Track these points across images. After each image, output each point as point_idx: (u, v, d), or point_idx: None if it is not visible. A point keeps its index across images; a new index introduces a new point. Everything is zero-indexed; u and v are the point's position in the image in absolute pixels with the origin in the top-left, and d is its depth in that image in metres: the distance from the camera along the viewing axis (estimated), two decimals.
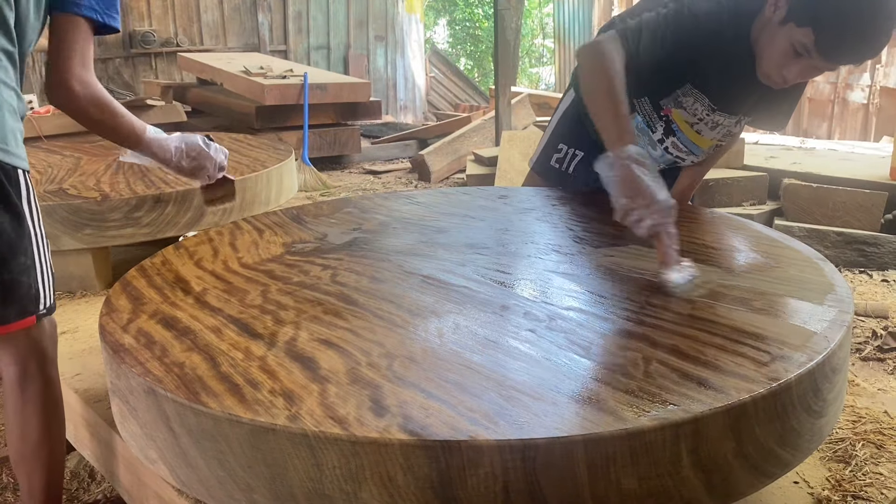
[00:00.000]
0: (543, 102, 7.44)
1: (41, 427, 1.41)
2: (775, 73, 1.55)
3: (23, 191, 1.32)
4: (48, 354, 1.43)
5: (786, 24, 1.47)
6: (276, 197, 2.47)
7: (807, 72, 1.51)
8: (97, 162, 2.61)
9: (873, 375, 2.50)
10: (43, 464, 1.42)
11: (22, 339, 1.38)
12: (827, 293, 1.21)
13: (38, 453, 1.41)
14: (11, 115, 1.32)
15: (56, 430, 1.44)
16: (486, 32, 15.00)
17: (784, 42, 1.48)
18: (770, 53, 1.53)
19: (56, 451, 1.44)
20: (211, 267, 1.47)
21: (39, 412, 1.41)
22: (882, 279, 3.51)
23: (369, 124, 7.73)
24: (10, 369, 1.39)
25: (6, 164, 1.28)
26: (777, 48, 1.51)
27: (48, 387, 1.42)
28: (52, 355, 1.44)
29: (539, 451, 0.82)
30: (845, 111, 7.65)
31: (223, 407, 0.92)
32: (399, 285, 1.31)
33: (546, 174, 2.08)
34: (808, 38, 1.43)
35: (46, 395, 1.42)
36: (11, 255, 1.31)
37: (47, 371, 1.42)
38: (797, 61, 1.49)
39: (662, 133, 1.78)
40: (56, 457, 1.44)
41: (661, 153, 1.83)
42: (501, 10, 6.12)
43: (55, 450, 1.44)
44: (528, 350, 1.03)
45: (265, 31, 9.22)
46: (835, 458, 1.34)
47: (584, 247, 1.49)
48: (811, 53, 1.44)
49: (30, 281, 1.35)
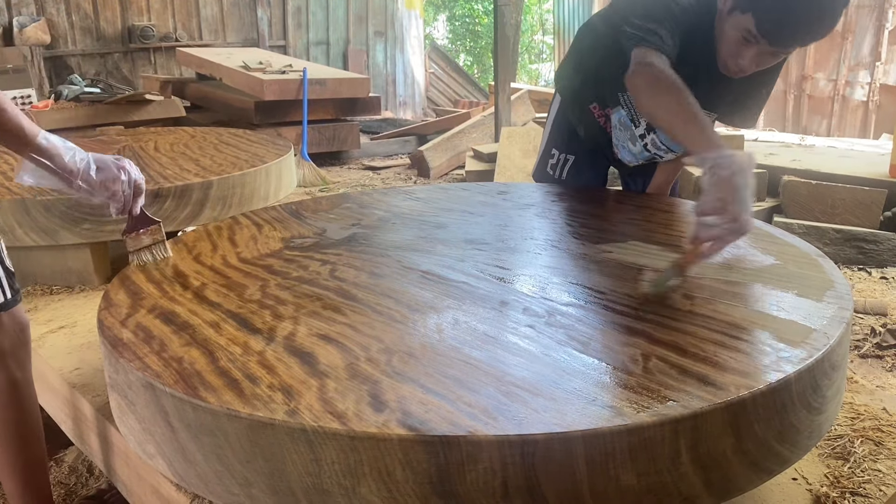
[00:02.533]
0: (543, 99, 7.44)
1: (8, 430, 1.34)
2: (731, 63, 1.56)
3: None
4: (6, 355, 1.35)
5: (732, 13, 1.49)
6: (274, 192, 2.47)
7: (760, 59, 1.52)
8: None
9: (872, 372, 2.50)
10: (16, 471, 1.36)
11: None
12: (826, 290, 1.21)
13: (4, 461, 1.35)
14: None
15: (24, 435, 1.37)
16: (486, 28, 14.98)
17: (733, 31, 1.50)
18: (724, 44, 1.55)
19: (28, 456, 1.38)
20: (210, 262, 1.46)
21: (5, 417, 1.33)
22: (881, 276, 3.51)
23: (368, 120, 7.73)
24: None
25: None
26: (728, 38, 1.53)
27: (12, 388, 1.35)
28: (13, 352, 1.36)
29: (538, 446, 0.82)
30: (845, 108, 7.65)
31: (222, 402, 0.92)
32: (398, 281, 1.31)
33: (543, 182, 2.10)
34: (750, 24, 1.45)
35: (9, 397, 1.34)
36: None
37: (9, 371, 1.35)
38: (747, 49, 1.50)
39: (644, 129, 1.79)
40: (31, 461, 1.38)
41: (640, 149, 1.84)
42: (501, 6, 6.11)
43: (24, 454, 1.38)
44: (528, 346, 1.03)
45: (264, 27, 9.20)
46: (833, 454, 1.34)
47: (583, 243, 1.49)
48: (756, 39, 1.46)
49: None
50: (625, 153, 1.89)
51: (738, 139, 4.40)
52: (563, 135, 2.02)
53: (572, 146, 2.01)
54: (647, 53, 1.46)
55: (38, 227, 2.02)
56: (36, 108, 5.46)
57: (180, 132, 3.20)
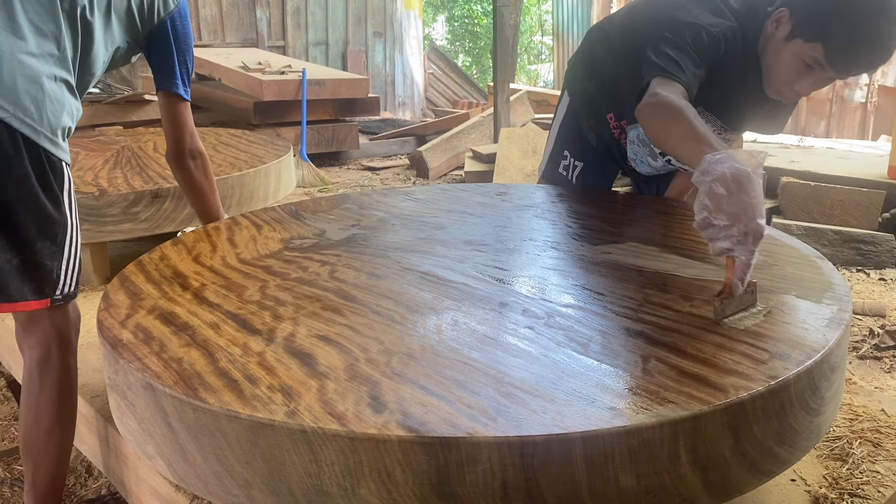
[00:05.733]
0: (542, 99, 7.44)
1: (54, 414, 1.43)
2: (786, 89, 1.53)
3: (65, 182, 1.41)
4: (71, 342, 1.46)
5: (792, 41, 1.46)
6: (274, 193, 2.47)
7: (818, 83, 1.50)
8: (95, 157, 2.61)
9: (870, 374, 2.50)
10: (50, 453, 1.44)
11: (46, 323, 1.42)
12: (825, 291, 1.21)
13: (47, 440, 1.43)
14: (69, 116, 1.42)
15: (68, 419, 1.46)
16: (485, 29, 14.99)
17: (793, 58, 1.46)
18: (778, 70, 1.51)
19: (64, 441, 1.46)
20: (209, 262, 1.46)
21: (55, 399, 1.43)
22: (879, 278, 3.51)
23: (367, 120, 7.72)
24: (33, 352, 1.43)
25: (54, 156, 1.37)
26: (785, 64, 1.49)
27: (66, 375, 1.44)
28: (73, 344, 1.47)
29: (537, 447, 0.82)
30: (844, 110, 7.66)
31: (221, 402, 0.92)
32: (397, 282, 1.31)
33: (555, 182, 2.06)
34: (818, 53, 1.42)
35: (63, 383, 1.44)
36: (40, 238, 1.37)
37: (67, 359, 1.45)
38: (808, 75, 1.47)
39: None
40: (64, 447, 1.46)
41: (662, 164, 1.81)
42: (500, 7, 6.11)
43: (64, 439, 1.46)
44: (527, 347, 1.03)
45: (263, 27, 9.20)
46: (832, 456, 1.34)
47: (582, 244, 1.49)
48: (824, 67, 1.43)
49: (52, 265, 1.39)
50: (643, 167, 1.86)
51: (736, 141, 4.40)
52: (572, 137, 1.99)
53: (583, 150, 1.97)
54: (663, 84, 1.43)
55: None
56: None
57: None
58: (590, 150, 1.96)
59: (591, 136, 1.93)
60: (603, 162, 1.97)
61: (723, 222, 1.09)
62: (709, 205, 1.09)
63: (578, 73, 1.93)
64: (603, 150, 1.94)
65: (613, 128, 1.86)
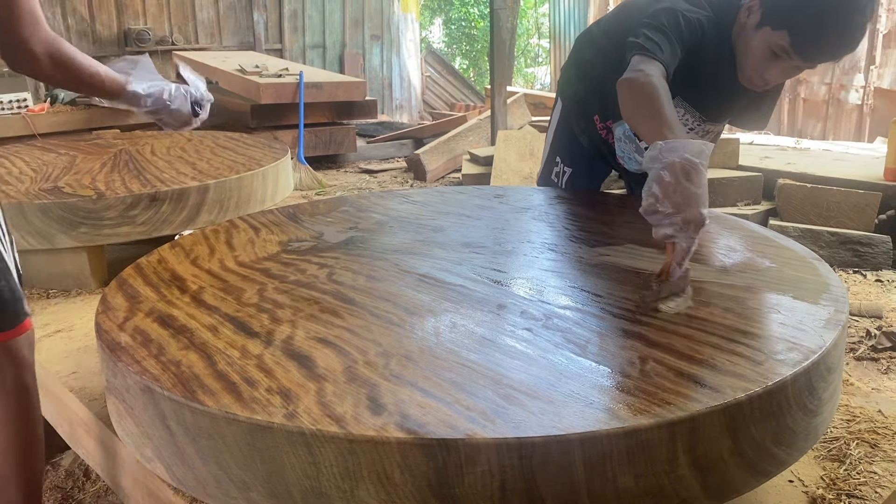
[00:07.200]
0: (539, 102, 7.45)
1: (20, 443, 1.32)
2: (756, 77, 1.56)
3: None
4: (26, 362, 1.33)
5: (761, 28, 1.48)
6: (271, 196, 2.47)
7: (787, 72, 1.52)
8: (92, 160, 2.60)
9: (867, 375, 2.51)
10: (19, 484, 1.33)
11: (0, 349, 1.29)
12: (822, 293, 1.21)
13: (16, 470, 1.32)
14: None
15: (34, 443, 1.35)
16: (482, 32, 14.99)
17: (761, 46, 1.49)
18: (749, 58, 1.54)
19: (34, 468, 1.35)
20: (207, 265, 1.46)
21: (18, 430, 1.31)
22: (876, 279, 3.52)
23: (365, 123, 7.72)
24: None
25: None
26: (755, 52, 1.51)
27: (26, 397, 1.33)
28: (29, 362, 1.34)
29: (536, 449, 0.82)
30: (840, 112, 7.67)
31: (220, 405, 0.92)
32: (395, 284, 1.31)
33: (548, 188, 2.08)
34: (784, 41, 1.44)
35: (23, 406, 1.32)
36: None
37: (24, 380, 1.33)
38: (776, 63, 1.49)
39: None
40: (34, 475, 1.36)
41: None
42: (497, 10, 6.12)
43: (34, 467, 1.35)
44: (525, 349, 1.03)
45: (261, 30, 9.20)
46: (829, 456, 1.34)
47: (580, 246, 1.50)
48: (790, 55, 1.45)
49: (10, 285, 1.28)
50: (631, 164, 1.88)
51: (733, 143, 4.41)
52: (564, 143, 2.02)
53: (573, 155, 2.00)
54: (642, 61, 1.46)
55: (35, 230, 2.02)
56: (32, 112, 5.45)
57: (176, 136, 3.19)
58: (580, 154, 1.99)
59: (584, 138, 1.96)
60: (593, 164, 2.01)
61: (668, 209, 1.14)
62: (656, 192, 1.15)
63: (569, 77, 1.97)
64: (595, 152, 1.97)
65: (600, 129, 1.90)
